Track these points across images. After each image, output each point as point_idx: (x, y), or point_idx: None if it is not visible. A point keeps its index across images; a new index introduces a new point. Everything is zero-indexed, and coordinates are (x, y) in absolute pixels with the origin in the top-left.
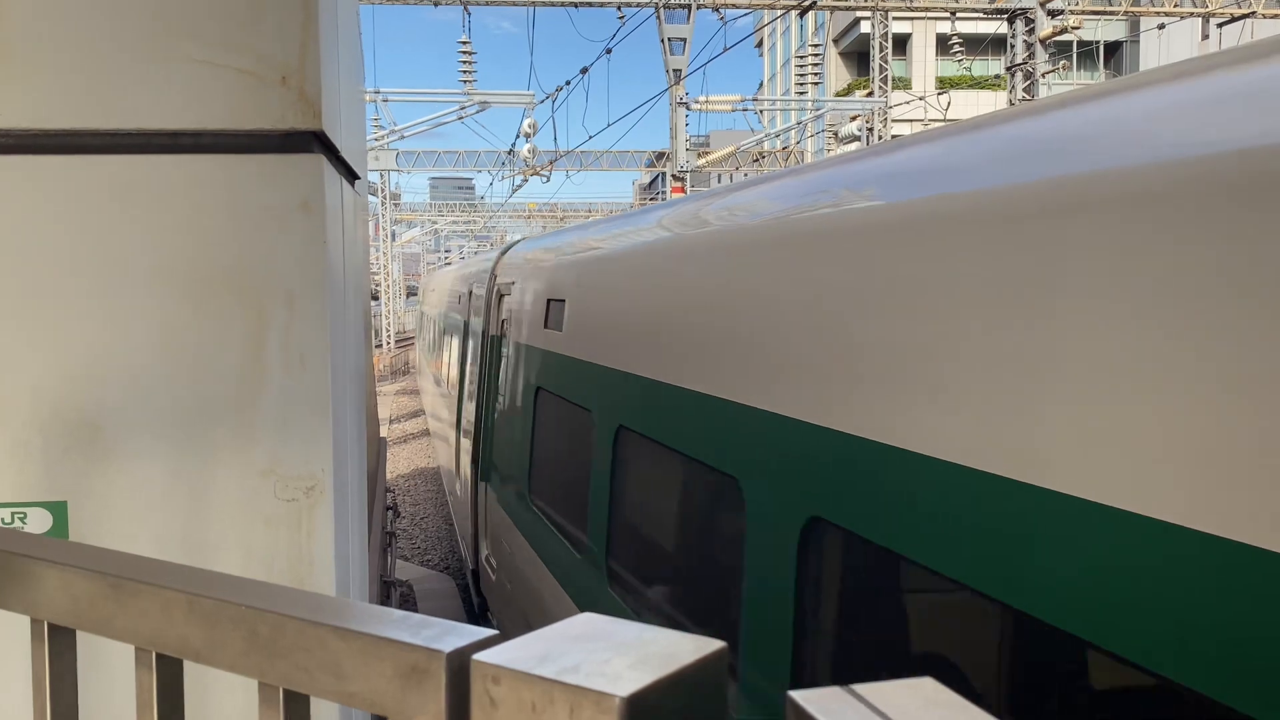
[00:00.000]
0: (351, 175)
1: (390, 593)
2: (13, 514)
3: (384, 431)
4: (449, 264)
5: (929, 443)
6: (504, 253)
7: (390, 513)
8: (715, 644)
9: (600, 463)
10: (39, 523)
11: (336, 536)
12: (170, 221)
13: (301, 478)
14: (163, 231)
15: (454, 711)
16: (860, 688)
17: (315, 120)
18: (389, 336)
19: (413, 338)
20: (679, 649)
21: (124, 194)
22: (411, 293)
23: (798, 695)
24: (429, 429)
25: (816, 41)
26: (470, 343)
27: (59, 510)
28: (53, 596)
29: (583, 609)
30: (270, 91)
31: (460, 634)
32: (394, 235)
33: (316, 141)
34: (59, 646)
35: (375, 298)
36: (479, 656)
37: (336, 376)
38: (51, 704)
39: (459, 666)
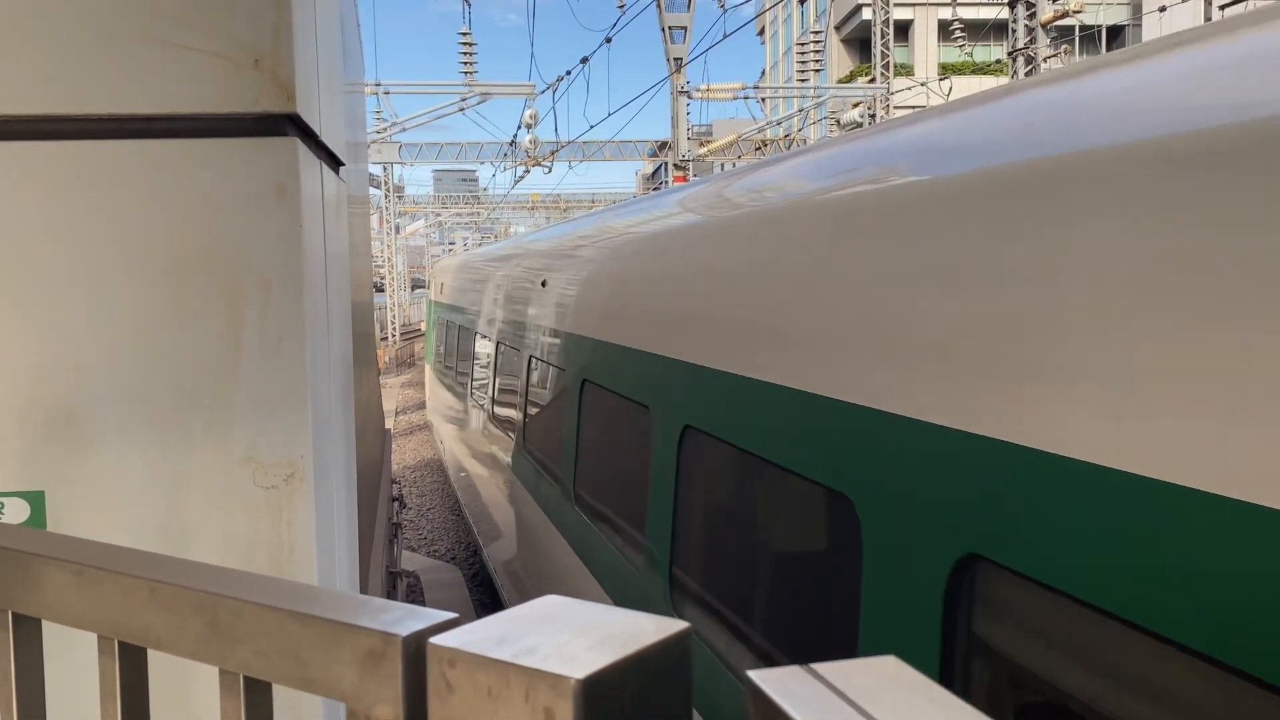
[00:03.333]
0: (335, 162)
1: (397, 583)
2: None
3: (389, 423)
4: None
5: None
6: None
7: (396, 504)
8: (679, 624)
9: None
10: (16, 513)
11: (319, 525)
12: (143, 207)
13: (280, 465)
14: (136, 217)
15: (410, 696)
16: (820, 667)
17: (289, 103)
18: (394, 329)
19: (418, 330)
20: (641, 629)
21: (97, 180)
22: (416, 285)
23: (756, 675)
24: None
25: (818, 29)
26: None
27: (36, 500)
28: (17, 586)
29: None
30: (243, 75)
31: (419, 618)
32: (398, 228)
33: (291, 124)
34: (25, 636)
35: (380, 289)
36: (436, 640)
37: (315, 363)
38: (18, 695)
39: (415, 650)
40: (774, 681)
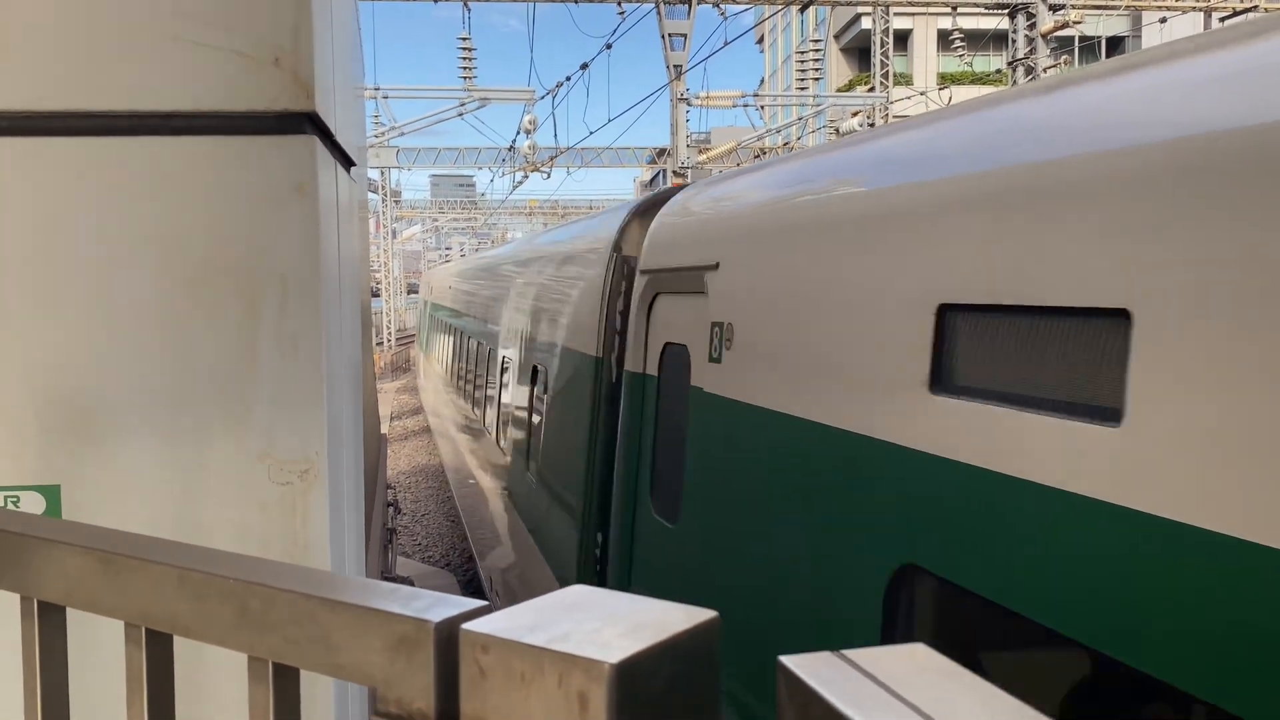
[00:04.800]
0: (348, 162)
1: None
2: (5, 498)
3: (384, 429)
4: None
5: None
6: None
7: (391, 509)
8: (707, 613)
9: None
10: (32, 506)
11: (331, 521)
12: (163, 203)
13: (296, 462)
14: (156, 213)
15: (442, 682)
16: (852, 653)
17: (308, 102)
18: (390, 334)
19: (414, 336)
20: (670, 618)
21: (118, 176)
22: (412, 290)
23: (789, 660)
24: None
25: (817, 37)
26: None
27: (52, 494)
28: (42, 574)
29: None
30: (263, 73)
31: (450, 605)
32: (395, 233)
33: (309, 123)
34: (49, 624)
35: (376, 294)
36: (468, 626)
37: (330, 361)
38: (42, 682)
39: (447, 636)
40: (807, 667)
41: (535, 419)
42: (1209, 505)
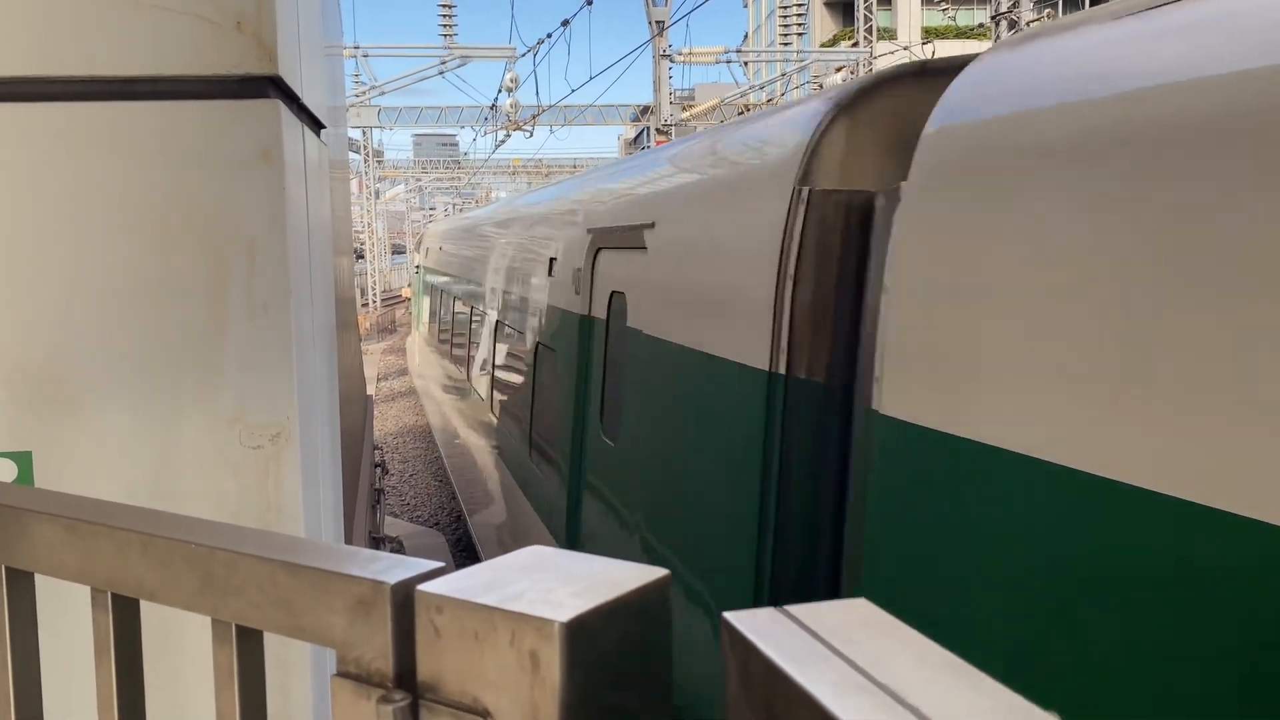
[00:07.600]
0: (316, 124)
1: (380, 549)
2: None
3: (371, 390)
4: None
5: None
6: None
7: (379, 470)
8: (658, 571)
9: None
10: (4, 473)
11: (305, 484)
12: (127, 170)
13: (267, 425)
14: (121, 180)
15: (399, 642)
16: (794, 608)
17: (271, 65)
18: (374, 295)
19: (399, 296)
20: (622, 577)
21: (80, 143)
22: (397, 250)
23: (732, 616)
24: None
25: None
26: None
27: (24, 460)
28: (10, 541)
29: None
30: (226, 36)
31: (407, 567)
32: (378, 193)
33: (273, 87)
34: (18, 591)
35: (360, 256)
36: (423, 587)
37: (300, 325)
38: (12, 649)
39: (404, 598)
40: (748, 621)
41: None
42: None
